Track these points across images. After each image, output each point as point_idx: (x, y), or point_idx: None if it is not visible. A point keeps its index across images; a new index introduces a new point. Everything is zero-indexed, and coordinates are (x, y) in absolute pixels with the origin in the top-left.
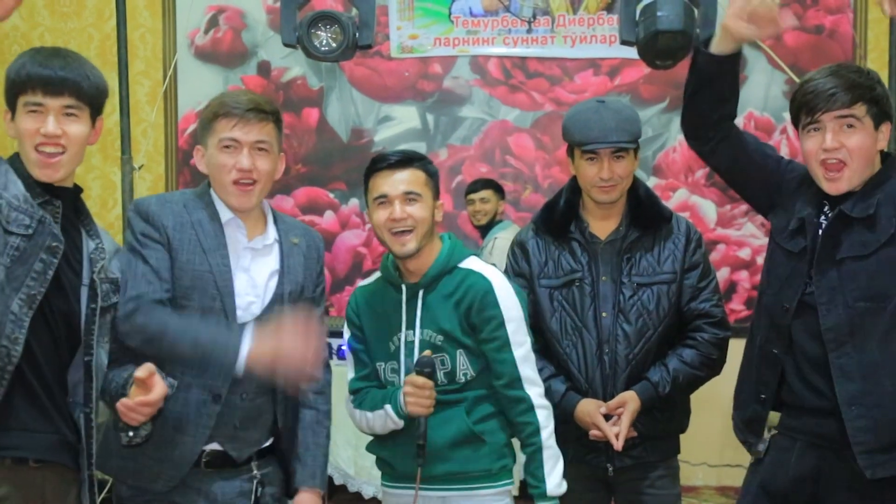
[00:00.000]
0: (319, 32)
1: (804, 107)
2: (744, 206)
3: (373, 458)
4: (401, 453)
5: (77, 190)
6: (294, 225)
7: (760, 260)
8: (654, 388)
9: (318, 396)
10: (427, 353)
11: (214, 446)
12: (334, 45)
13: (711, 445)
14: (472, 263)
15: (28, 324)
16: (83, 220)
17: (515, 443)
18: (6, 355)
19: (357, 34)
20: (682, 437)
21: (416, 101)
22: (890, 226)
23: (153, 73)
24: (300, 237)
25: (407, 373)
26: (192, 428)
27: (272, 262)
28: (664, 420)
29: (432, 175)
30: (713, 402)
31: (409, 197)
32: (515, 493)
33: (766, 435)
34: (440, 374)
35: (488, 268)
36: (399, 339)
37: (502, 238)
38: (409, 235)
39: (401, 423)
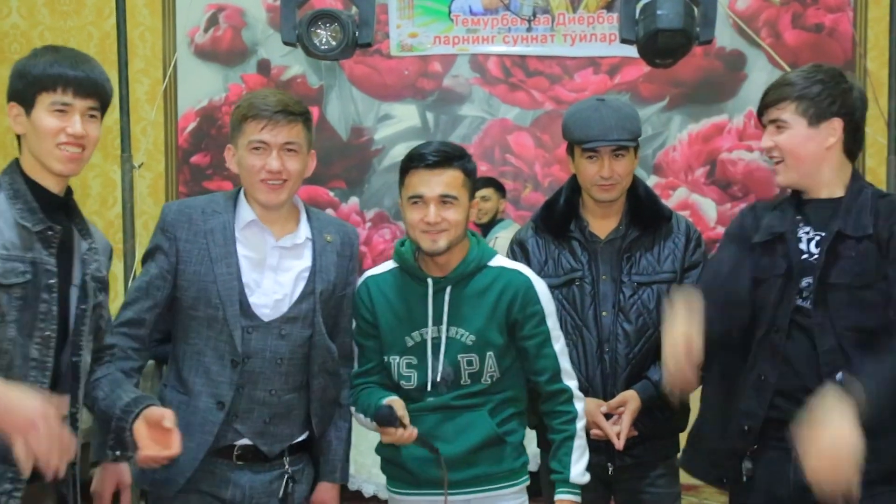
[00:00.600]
0: (319, 31)
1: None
2: (744, 204)
3: (374, 456)
4: (420, 458)
5: (69, 191)
6: (328, 221)
7: None
8: (655, 386)
9: (342, 391)
10: (388, 403)
11: (245, 441)
12: (334, 43)
13: None
14: (501, 261)
15: (51, 365)
16: (75, 220)
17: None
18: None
19: (357, 32)
20: (682, 435)
21: (416, 99)
22: (878, 268)
23: (153, 71)
24: (334, 234)
25: (434, 373)
26: (198, 435)
27: (304, 260)
28: (664, 419)
29: (470, 174)
30: None
31: (445, 200)
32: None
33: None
34: (465, 375)
35: (520, 265)
36: (423, 335)
37: (503, 237)
38: (442, 234)
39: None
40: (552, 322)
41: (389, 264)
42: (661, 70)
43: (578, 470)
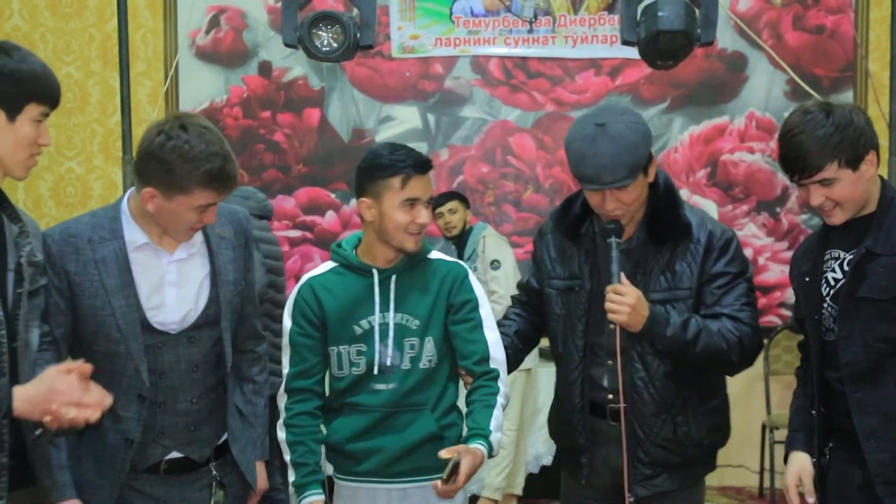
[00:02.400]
0: (320, 33)
1: (785, 167)
2: (745, 206)
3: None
4: (376, 451)
5: None
6: (220, 213)
7: (762, 260)
8: (662, 324)
9: (253, 367)
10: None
11: (174, 455)
12: (335, 45)
13: None
14: (438, 255)
15: (7, 371)
16: (4, 208)
17: None
18: None
19: (358, 34)
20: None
21: (418, 101)
22: None
23: (154, 73)
24: (226, 226)
25: (382, 357)
26: (111, 472)
27: (202, 266)
28: (685, 449)
29: None
30: None
31: (428, 203)
32: (519, 491)
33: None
34: (406, 359)
35: (456, 260)
36: (370, 322)
37: (490, 234)
38: (421, 235)
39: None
40: (485, 311)
41: (328, 265)
42: (662, 71)
43: (496, 433)
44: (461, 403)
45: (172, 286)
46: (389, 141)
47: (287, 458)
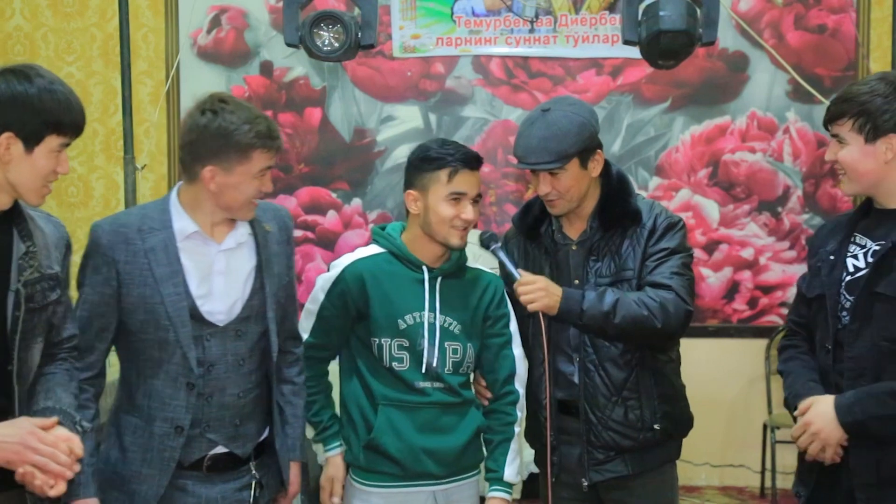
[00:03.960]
0: (322, 32)
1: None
2: (747, 206)
3: None
4: (412, 450)
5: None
6: (264, 208)
7: (763, 260)
8: (576, 300)
9: (293, 368)
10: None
11: (219, 450)
12: (337, 44)
13: (714, 446)
14: (474, 264)
15: None
16: (17, 221)
17: None
18: None
19: (359, 34)
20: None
21: (419, 100)
22: None
23: (156, 72)
24: (272, 221)
25: (430, 357)
26: (158, 461)
27: (250, 257)
28: (648, 435)
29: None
30: (717, 402)
31: (477, 199)
32: (518, 495)
33: None
34: (448, 363)
35: (493, 272)
36: (417, 318)
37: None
38: (468, 231)
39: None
40: (514, 326)
41: (374, 248)
42: (664, 71)
43: (512, 470)
44: None
45: (220, 275)
46: (391, 140)
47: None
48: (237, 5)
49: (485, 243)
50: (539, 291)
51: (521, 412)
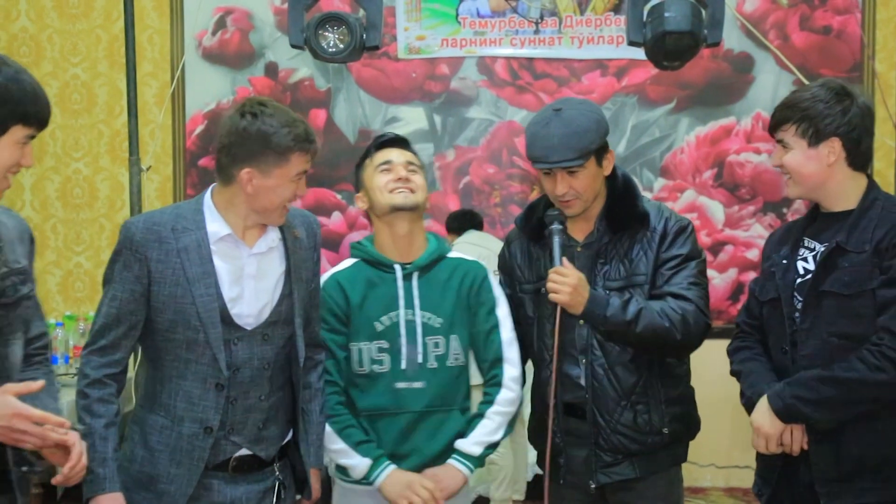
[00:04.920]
0: (327, 34)
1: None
2: (752, 207)
3: None
4: (408, 455)
5: None
6: (293, 214)
7: None
8: (602, 305)
9: (313, 373)
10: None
11: (243, 452)
12: (342, 46)
13: (720, 447)
14: (458, 254)
15: None
16: None
17: None
18: None
19: (364, 35)
20: (694, 436)
21: (424, 102)
22: (872, 277)
23: (161, 74)
24: (301, 227)
25: (411, 354)
26: (187, 461)
27: (279, 262)
28: (653, 439)
29: (424, 167)
30: (723, 404)
31: (411, 168)
32: (522, 496)
33: None
34: (431, 358)
35: (476, 259)
36: (394, 318)
37: (461, 242)
38: (413, 193)
39: (358, 473)
40: (503, 311)
41: (349, 261)
42: (669, 72)
43: (469, 443)
44: None
45: (251, 278)
46: None
47: (338, 445)
48: (242, 7)
49: (548, 220)
50: (567, 287)
51: (510, 393)
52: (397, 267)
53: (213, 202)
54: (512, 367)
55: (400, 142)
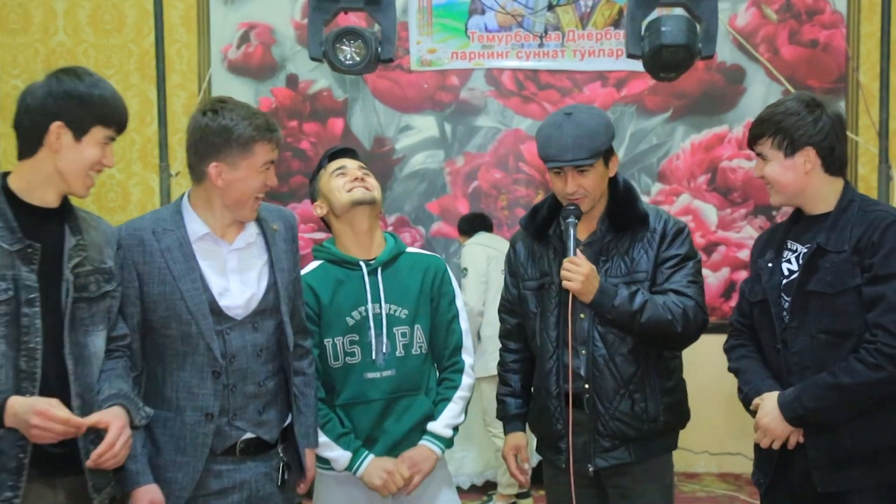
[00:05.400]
0: (344, 47)
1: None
2: (743, 210)
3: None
4: (379, 437)
5: (65, 198)
6: (268, 210)
7: None
8: (611, 295)
9: (304, 360)
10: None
11: (248, 435)
12: (358, 58)
13: (713, 435)
14: (415, 249)
15: (39, 375)
16: (68, 218)
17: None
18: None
19: (379, 48)
20: (685, 425)
21: (435, 111)
22: (854, 275)
23: (189, 85)
24: (277, 221)
25: (379, 345)
26: (191, 448)
27: (260, 255)
28: (646, 427)
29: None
30: (716, 394)
31: (364, 171)
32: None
33: None
34: (399, 347)
35: (433, 253)
36: (363, 312)
37: (472, 243)
38: (366, 189)
39: (341, 465)
40: (460, 303)
41: (314, 264)
42: (665, 83)
43: (440, 425)
44: None
45: (235, 272)
46: (409, 148)
47: (321, 439)
48: (265, 22)
49: (565, 214)
50: (580, 275)
51: (466, 378)
52: (362, 264)
53: (189, 203)
54: (469, 356)
55: (350, 152)
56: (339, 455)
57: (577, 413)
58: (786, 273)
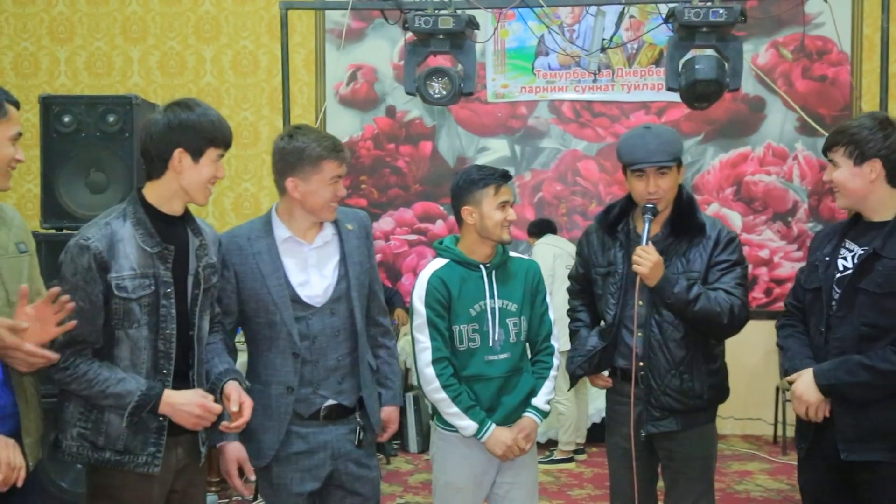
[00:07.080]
0: (433, 83)
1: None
2: (764, 217)
3: None
4: (499, 406)
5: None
6: (345, 213)
7: (777, 258)
8: (672, 283)
9: (386, 336)
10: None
11: (330, 402)
12: (444, 92)
13: (737, 403)
14: (515, 254)
15: (174, 355)
16: (189, 223)
17: None
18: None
19: (462, 84)
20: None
21: (507, 135)
22: None
23: (308, 116)
24: (351, 221)
25: (495, 333)
26: (276, 415)
27: (335, 252)
28: (692, 399)
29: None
30: (740, 369)
31: (512, 205)
32: (583, 440)
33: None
34: (512, 335)
35: (529, 258)
36: (483, 306)
37: (541, 244)
38: (510, 231)
39: (469, 433)
40: (548, 297)
41: (441, 261)
42: (698, 111)
43: (541, 400)
44: None
45: (314, 267)
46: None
47: (452, 409)
48: (369, 63)
49: (644, 210)
50: (649, 262)
51: (556, 360)
52: (482, 267)
53: (276, 213)
54: (556, 341)
55: (509, 178)
56: (467, 424)
57: (627, 386)
58: (840, 269)
